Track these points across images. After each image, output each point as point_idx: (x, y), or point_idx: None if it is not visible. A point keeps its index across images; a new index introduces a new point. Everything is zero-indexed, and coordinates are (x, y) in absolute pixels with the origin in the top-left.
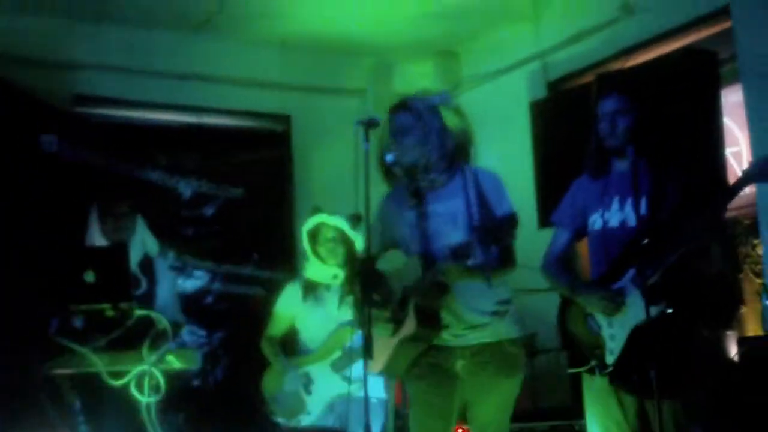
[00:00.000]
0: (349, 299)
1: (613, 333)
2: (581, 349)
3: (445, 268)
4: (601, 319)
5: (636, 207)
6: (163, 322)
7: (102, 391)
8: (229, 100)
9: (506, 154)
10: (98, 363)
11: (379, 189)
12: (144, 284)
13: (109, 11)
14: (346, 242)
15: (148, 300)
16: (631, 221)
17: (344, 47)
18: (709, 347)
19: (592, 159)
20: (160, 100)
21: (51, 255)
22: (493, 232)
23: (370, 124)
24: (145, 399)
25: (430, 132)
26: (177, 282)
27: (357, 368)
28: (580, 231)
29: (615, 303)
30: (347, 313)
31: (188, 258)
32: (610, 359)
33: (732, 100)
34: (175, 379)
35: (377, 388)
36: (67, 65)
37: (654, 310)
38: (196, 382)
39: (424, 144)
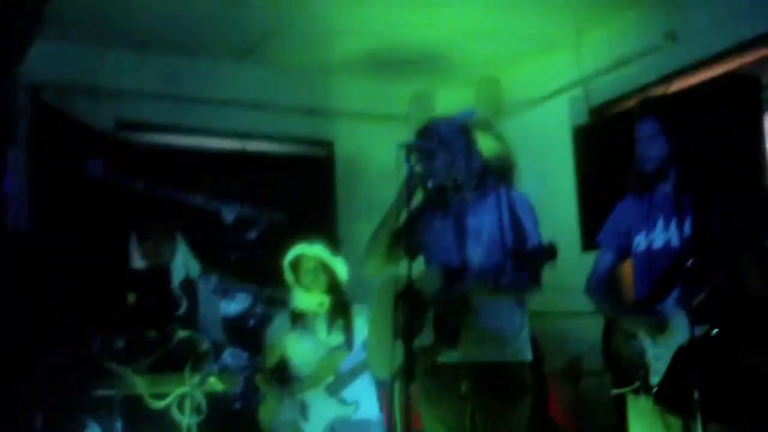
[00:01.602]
0: (338, 325)
1: (658, 353)
2: (626, 370)
3: (475, 286)
4: (645, 339)
5: (680, 228)
6: (205, 344)
7: (144, 413)
8: (273, 126)
9: (549, 179)
10: (140, 384)
11: None
12: (185, 305)
13: (153, 39)
14: (327, 270)
15: (190, 321)
16: (676, 242)
17: (387, 73)
18: (755, 368)
19: (635, 181)
20: (204, 126)
21: (94, 278)
22: (531, 259)
23: (411, 149)
24: (186, 421)
25: (456, 153)
26: (219, 304)
27: (352, 390)
28: (625, 252)
29: (660, 324)
30: (337, 338)
31: (231, 281)
32: (655, 380)
33: None
34: (216, 401)
35: (373, 408)
36: (112, 92)
37: (699, 331)
38: (237, 405)
39: (450, 165)
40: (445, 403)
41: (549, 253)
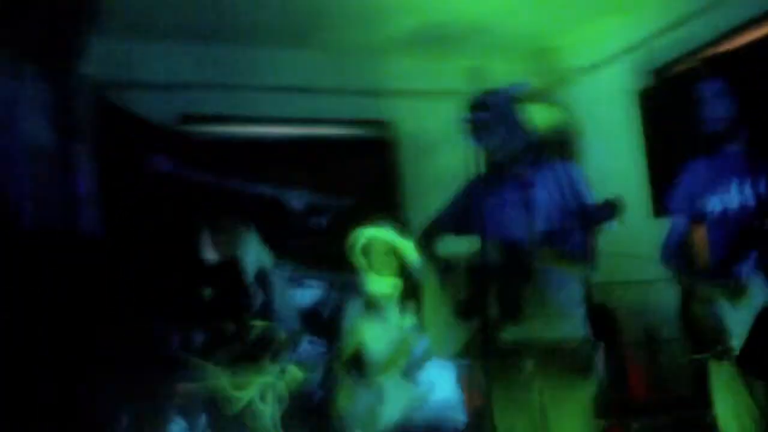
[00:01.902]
0: (410, 307)
1: (739, 317)
2: (705, 337)
3: (542, 252)
4: (724, 304)
5: (755, 189)
6: (282, 335)
7: (227, 405)
8: (332, 110)
9: (615, 146)
10: (222, 377)
11: None
12: (261, 297)
13: (210, 30)
14: (397, 253)
15: (266, 312)
16: (751, 203)
17: (440, 49)
18: None
19: (704, 143)
20: (265, 115)
21: (170, 274)
22: (593, 216)
23: (467, 122)
24: (270, 410)
25: (509, 125)
26: (294, 293)
27: (428, 373)
28: (698, 216)
29: (738, 287)
30: (409, 321)
31: (304, 269)
32: (736, 344)
33: None
34: (297, 391)
35: (449, 389)
36: (173, 86)
37: None
38: (318, 394)
39: (504, 138)
40: (512, 382)
41: (611, 209)
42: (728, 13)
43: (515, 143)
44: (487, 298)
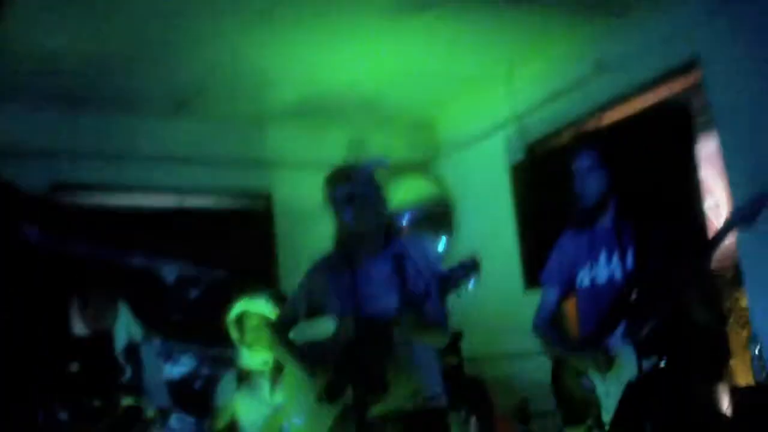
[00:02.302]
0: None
1: (608, 390)
2: (577, 409)
3: (401, 324)
4: (594, 376)
5: (622, 261)
6: (151, 410)
7: None
8: (209, 181)
9: (489, 219)
10: None
11: None
12: (129, 371)
13: (84, 97)
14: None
15: (134, 387)
16: (619, 276)
17: (321, 121)
18: (703, 399)
19: (575, 216)
20: (139, 184)
21: (34, 347)
22: (451, 278)
23: (336, 195)
24: None
25: (366, 201)
26: (164, 368)
27: None
28: (569, 288)
29: (607, 359)
30: (280, 397)
31: (174, 343)
32: (606, 417)
33: (707, 150)
34: None
35: None
36: (44, 153)
37: (647, 365)
38: None
39: (361, 212)
40: None
41: (467, 268)
42: (599, 89)
43: (372, 217)
44: (351, 377)
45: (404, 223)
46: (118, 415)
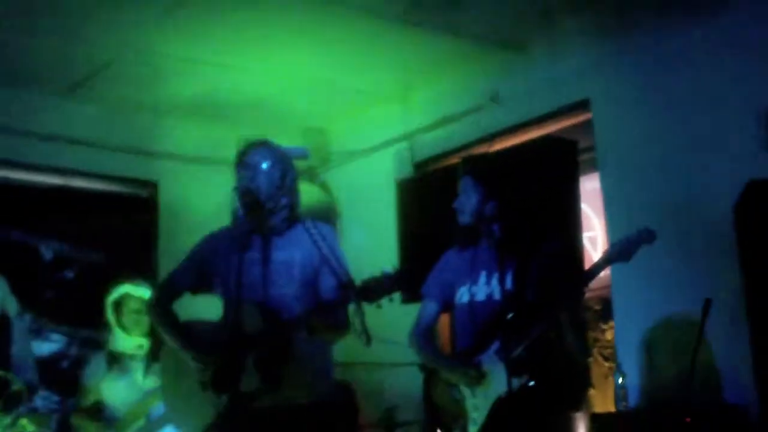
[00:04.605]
0: (155, 368)
1: (477, 403)
2: (445, 421)
3: (308, 322)
4: (464, 389)
5: (501, 282)
6: (18, 383)
7: None
8: (98, 165)
9: (373, 230)
10: None
11: None
12: None
13: None
14: None
15: (2, 361)
16: (497, 295)
17: (216, 118)
18: (568, 421)
19: (458, 235)
20: (27, 161)
21: None
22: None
23: (245, 193)
24: None
25: (286, 176)
26: (33, 345)
27: None
28: (448, 303)
29: (479, 375)
30: (152, 382)
31: (46, 321)
32: (473, 429)
33: (589, 188)
34: None
35: None
36: None
37: (516, 383)
38: None
39: (279, 185)
40: None
41: (394, 281)
42: (491, 118)
43: (278, 195)
44: (243, 369)
45: None
46: None
